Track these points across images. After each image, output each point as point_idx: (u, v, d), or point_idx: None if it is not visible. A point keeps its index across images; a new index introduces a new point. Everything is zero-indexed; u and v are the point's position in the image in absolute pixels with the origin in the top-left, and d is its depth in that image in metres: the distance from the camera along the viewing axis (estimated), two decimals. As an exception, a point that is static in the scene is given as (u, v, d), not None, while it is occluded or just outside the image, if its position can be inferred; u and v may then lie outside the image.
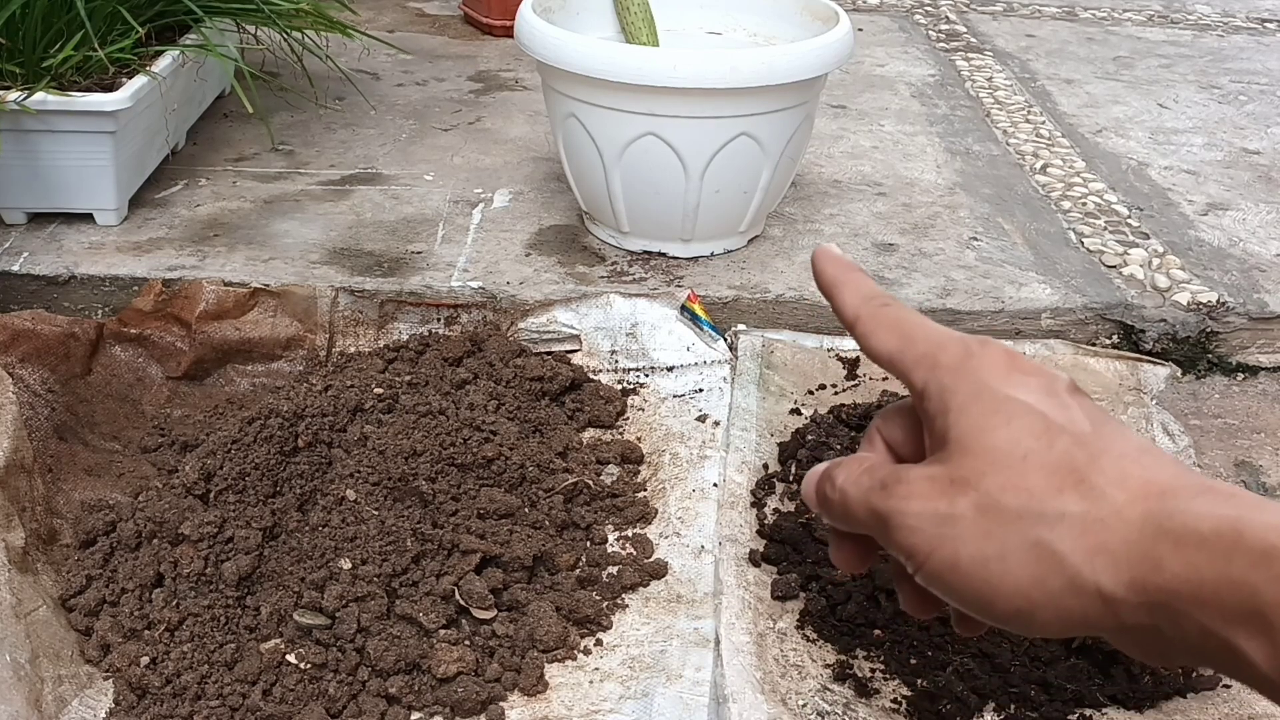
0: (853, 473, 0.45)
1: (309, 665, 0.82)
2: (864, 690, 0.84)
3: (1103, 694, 0.84)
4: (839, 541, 0.48)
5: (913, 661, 0.86)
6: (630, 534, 0.99)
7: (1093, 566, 0.37)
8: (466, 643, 0.86)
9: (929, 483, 0.41)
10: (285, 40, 1.54)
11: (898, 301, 0.47)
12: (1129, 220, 1.47)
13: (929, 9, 2.44)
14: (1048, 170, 1.61)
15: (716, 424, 1.10)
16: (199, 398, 1.16)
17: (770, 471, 1.06)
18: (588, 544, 0.97)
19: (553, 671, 0.85)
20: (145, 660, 0.83)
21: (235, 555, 0.88)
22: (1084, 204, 1.51)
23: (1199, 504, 0.36)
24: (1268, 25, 2.42)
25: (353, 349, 1.20)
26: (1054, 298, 1.27)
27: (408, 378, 1.08)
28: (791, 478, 1.05)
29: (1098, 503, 0.38)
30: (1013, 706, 0.83)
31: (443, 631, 0.85)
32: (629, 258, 1.32)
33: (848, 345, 1.22)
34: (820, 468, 0.47)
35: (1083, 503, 0.38)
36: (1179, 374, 1.25)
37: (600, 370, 1.19)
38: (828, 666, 0.86)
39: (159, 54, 1.35)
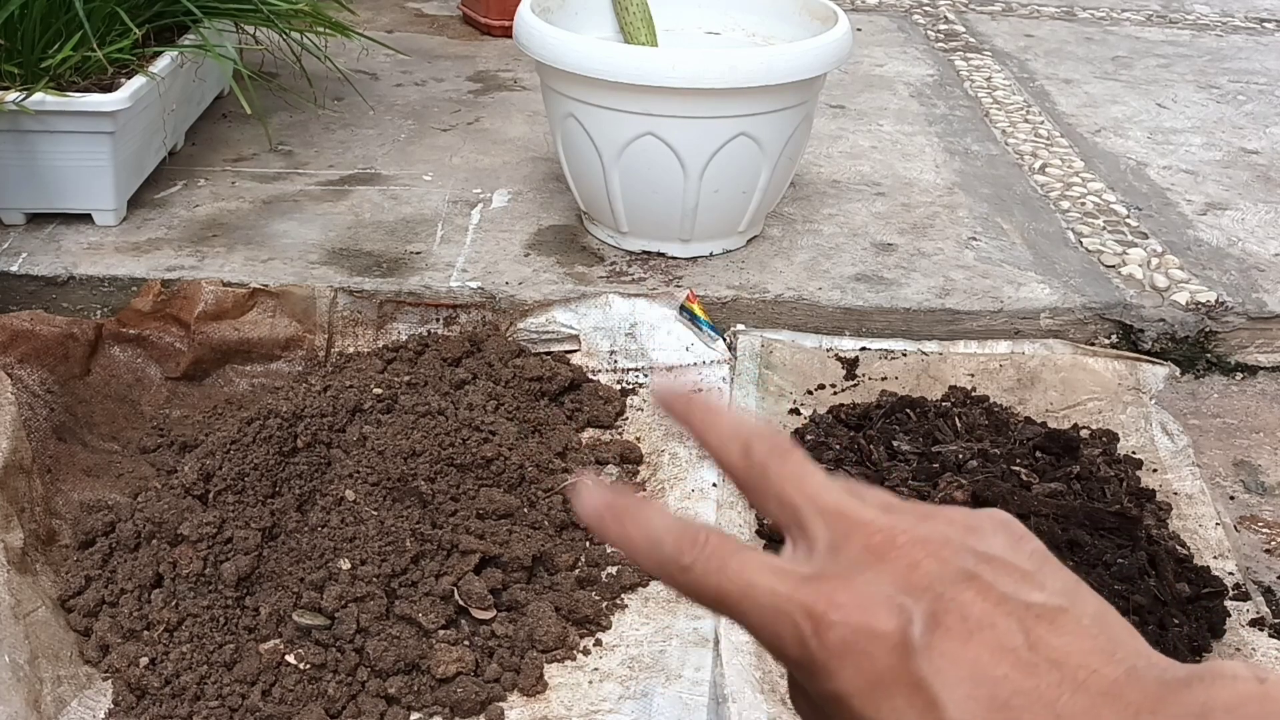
0: None
1: (308, 666, 0.82)
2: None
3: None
4: None
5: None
6: (629, 534, 0.98)
7: None
8: (466, 643, 0.86)
9: None
10: (284, 41, 1.54)
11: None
12: (1128, 220, 1.47)
13: (927, 9, 2.44)
14: (1046, 170, 1.61)
15: (715, 424, 1.10)
16: (198, 398, 1.16)
17: (769, 471, 1.06)
18: (587, 544, 0.97)
19: (552, 672, 0.85)
20: (144, 661, 0.83)
21: (234, 556, 0.88)
22: (1083, 204, 1.51)
23: None
24: (1266, 25, 2.42)
25: (352, 349, 1.20)
26: (1053, 297, 1.27)
27: (406, 378, 1.08)
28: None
29: None
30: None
31: (442, 632, 0.85)
32: (628, 258, 1.32)
33: (846, 345, 1.22)
34: None
35: None
36: (1178, 373, 1.25)
37: (599, 370, 1.19)
38: (827, 666, 0.86)
39: (157, 54, 1.35)
